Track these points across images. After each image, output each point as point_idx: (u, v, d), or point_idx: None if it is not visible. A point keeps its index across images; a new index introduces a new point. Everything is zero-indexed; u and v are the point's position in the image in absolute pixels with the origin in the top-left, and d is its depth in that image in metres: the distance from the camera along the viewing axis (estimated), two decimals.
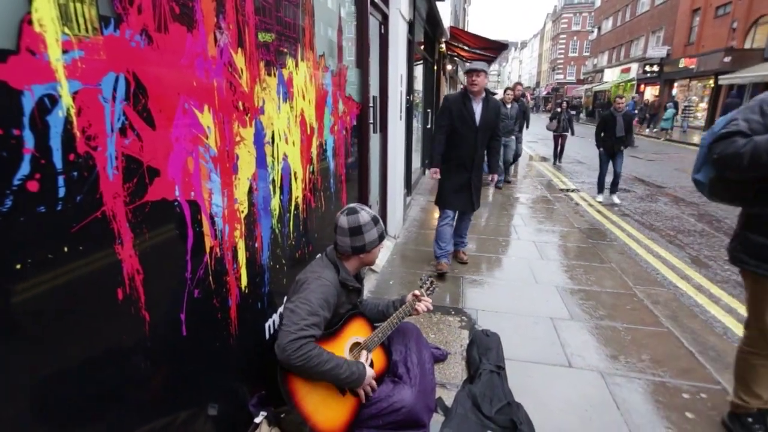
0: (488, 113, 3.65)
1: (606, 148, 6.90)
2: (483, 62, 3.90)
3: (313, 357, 1.52)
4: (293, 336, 1.52)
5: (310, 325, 1.57)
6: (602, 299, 3.51)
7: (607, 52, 37.85)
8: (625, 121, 6.66)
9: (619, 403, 2.30)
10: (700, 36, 22.52)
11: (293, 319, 1.57)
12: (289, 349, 1.51)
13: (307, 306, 1.60)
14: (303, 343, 1.52)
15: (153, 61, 1.14)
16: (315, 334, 1.58)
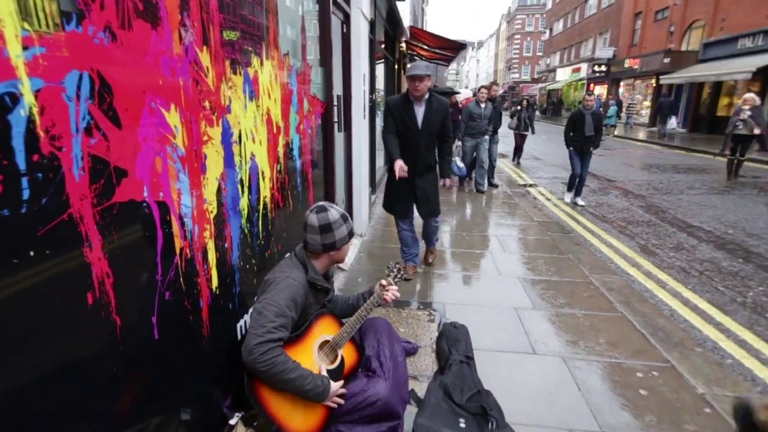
0: (432, 115, 3.42)
1: (576, 147, 6.66)
2: (426, 63, 3.68)
3: (278, 364, 1.50)
4: (260, 339, 1.50)
5: (277, 327, 1.55)
6: (562, 288, 3.69)
7: (559, 53, 39.40)
8: (594, 120, 6.44)
9: (580, 384, 2.44)
10: (642, 38, 23.90)
11: (260, 321, 1.55)
12: (256, 352, 1.48)
13: (275, 307, 1.59)
14: (270, 347, 1.50)
15: (117, 59, 1.11)
16: (282, 337, 1.57)
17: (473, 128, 7.09)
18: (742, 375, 2.68)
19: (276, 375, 1.50)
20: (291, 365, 1.54)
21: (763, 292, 3.86)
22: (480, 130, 7.11)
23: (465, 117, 7.10)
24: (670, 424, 2.14)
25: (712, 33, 18.27)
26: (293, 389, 1.57)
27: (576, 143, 6.63)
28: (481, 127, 7.09)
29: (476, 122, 7.03)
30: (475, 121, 7.05)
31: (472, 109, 7.08)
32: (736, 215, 6.36)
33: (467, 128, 7.14)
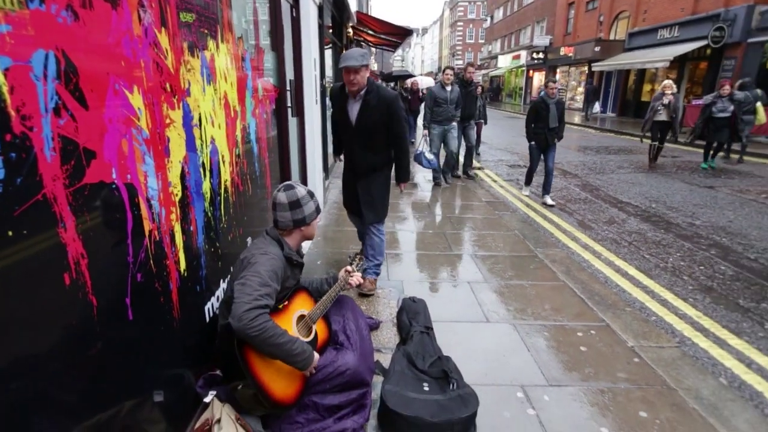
0: (370, 113, 2.90)
1: (538, 141, 5.99)
2: (363, 51, 2.79)
3: (269, 328, 1.55)
4: (248, 306, 1.53)
5: (263, 296, 1.59)
6: (510, 262, 3.95)
7: (500, 40, 40.62)
8: (558, 109, 5.81)
9: (529, 346, 2.68)
10: (576, 27, 25.23)
11: (246, 290, 1.58)
12: (245, 318, 1.51)
13: (258, 278, 1.63)
14: (259, 314, 1.54)
15: (81, 39, 1.10)
16: (269, 304, 1.61)
17: (439, 114, 6.44)
18: (664, 329, 3.05)
19: (267, 340, 1.54)
20: (280, 330, 1.59)
21: (681, 257, 4.34)
22: (446, 116, 6.47)
23: (429, 102, 6.48)
24: (605, 374, 2.42)
25: (636, 23, 19.65)
26: (282, 353, 1.61)
27: (539, 136, 5.95)
28: (447, 112, 6.44)
29: (441, 107, 6.39)
30: (440, 106, 6.39)
31: (436, 93, 6.40)
32: (658, 191, 7.02)
33: (433, 114, 6.48)
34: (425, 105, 6.58)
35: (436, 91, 6.42)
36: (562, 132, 6.07)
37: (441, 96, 6.38)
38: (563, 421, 2.06)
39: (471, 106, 6.96)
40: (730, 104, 7.99)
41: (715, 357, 2.76)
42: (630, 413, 2.12)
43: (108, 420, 1.26)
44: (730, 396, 2.29)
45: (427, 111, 6.52)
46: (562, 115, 5.96)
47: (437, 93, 6.41)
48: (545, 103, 5.81)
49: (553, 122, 5.83)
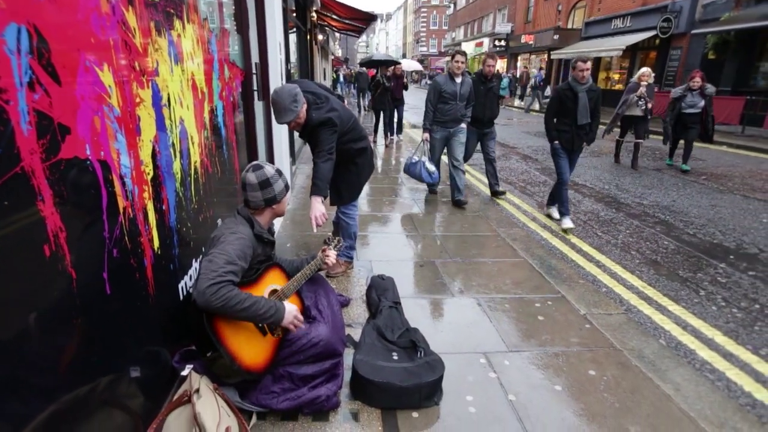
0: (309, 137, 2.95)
1: (564, 142, 4.47)
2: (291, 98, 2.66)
3: (233, 297, 1.60)
4: (212, 281, 1.58)
5: (227, 272, 1.64)
6: (474, 241, 4.14)
7: (463, 27, 40.94)
8: (590, 99, 4.38)
9: (491, 317, 2.85)
10: (536, 15, 25.79)
11: (211, 267, 1.63)
12: (208, 292, 1.56)
13: (225, 256, 1.69)
14: (221, 286, 1.59)
15: (51, 14, 1.11)
16: (233, 280, 1.65)
17: (444, 113, 4.95)
18: (613, 299, 3.31)
19: (232, 308, 1.59)
20: (244, 296, 1.64)
21: (629, 234, 4.67)
22: (454, 116, 4.96)
23: (431, 96, 4.96)
24: (560, 339, 2.63)
25: (592, 13, 20.34)
26: (251, 316, 1.67)
27: (565, 135, 4.44)
28: (454, 111, 4.94)
29: (448, 105, 4.89)
30: (446, 103, 4.89)
31: (441, 86, 4.86)
32: (610, 174, 7.43)
33: (436, 113, 5.00)
34: (427, 100, 5.05)
35: (442, 84, 4.88)
36: (594, 131, 4.51)
37: (448, 90, 4.85)
38: (521, 383, 2.24)
39: (492, 107, 5.45)
40: (701, 99, 6.95)
41: (656, 322, 3.03)
42: (581, 372, 2.33)
43: (86, 394, 1.30)
44: (668, 354, 2.55)
45: (428, 108, 5.03)
46: (597, 108, 4.46)
47: (443, 86, 4.87)
48: (572, 91, 4.32)
49: (583, 117, 4.32)
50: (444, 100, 4.94)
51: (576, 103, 4.34)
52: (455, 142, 5.18)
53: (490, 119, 5.51)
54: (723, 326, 2.97)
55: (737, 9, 13.01)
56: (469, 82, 4.97)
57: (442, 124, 5.09)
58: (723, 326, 2.97)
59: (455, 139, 5.17)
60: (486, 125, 5.51)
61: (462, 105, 5.00)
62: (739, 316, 3.09)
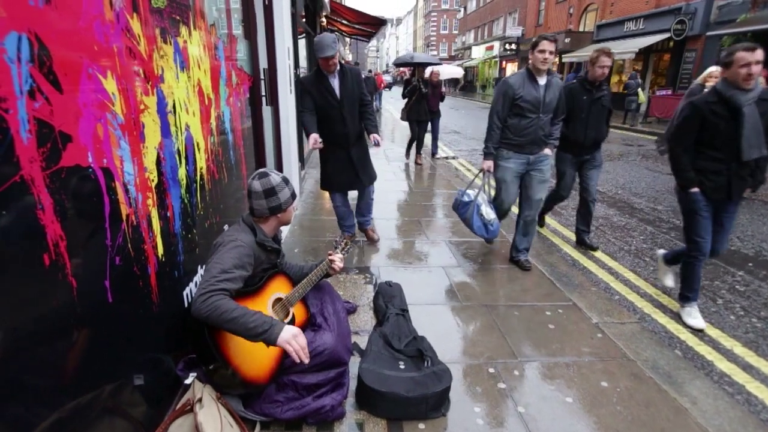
0: (348, 84, 3.45)
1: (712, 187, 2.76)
2: (333, 38, 3.20)
3: (219, 306, 1.54)
4: (203, 290, 1.57)
5: (220, 281, 1.61)
6: (484, 248, 4.08)
7: (473, 31, 40.89)
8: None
9: (500, 326, 2.80)
10: (547, 19, 25.66)
11: (206, 277, 1.63)
12: (198, 301, 1.55)
13: (220, 265, 1.66)
14: (211, 295, 1.55)
15: (53, 22, 1.11)
16: (226, 288, 1.61)
17: (520, 132, 3.30)
18: (626, 307, 3.23)
19: (219, 317, 1.53)
20: (233, 306, 1.57)
21: (643, 240, 4.57)
22: (534, 137, 3.31)
23: (500, 105, 3.29)
24: (571, 349, 2.56)
25: (604, 16, 20.15)
26: (239, 328, 1.57)
27: (715, 179, 2.76)
28: (537, 129, 3.28)
29: (527, 119, 3.26)
30: (524, 116, 3.25)
31: (516, 89, 3.22)
32: (624, 178, 7.32)
33: (506, 131, 3.35)
34: (491, 112, 3.35)
35: (516, 86, 3.22)
36: (764, 168, 2.78)
37: (527, 95, 3.21)
38: (531, 394, 2.18)
39: (599, 125, 3.86)
40: None
41: (671, 331, 2.95)
42: (593, 383, 2.26)
43: (89, 402, 1.29)
44: (683, 366, 2.47)
45: (493, 123, 3.36)
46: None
47: (518, 89, 3.22)
48: (730, 103, 2.61)
49: (753, 147, 2.61)
50: (520, 112, 3.25)
51: (739, 125, 2.57)
52: (534, 179, 3.44)
53: (596, 142, 3.94)
54: (742, 337, 2.88)
55: (754, 10, 12.78)
56: (557, 85, 3.29)
57: (516, 148, 3.35)
58: (742, 337, 2.88)
59: (535, 174, 3.44)
60: (587, 150, 3.96)
61: (547, 119, 3.30)
62: (759, 326, 2.99)
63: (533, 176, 3.46)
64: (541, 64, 3.13)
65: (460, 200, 3.73)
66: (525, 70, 3.28)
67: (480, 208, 3.55)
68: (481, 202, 3.57)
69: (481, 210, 3.54)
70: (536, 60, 3.16)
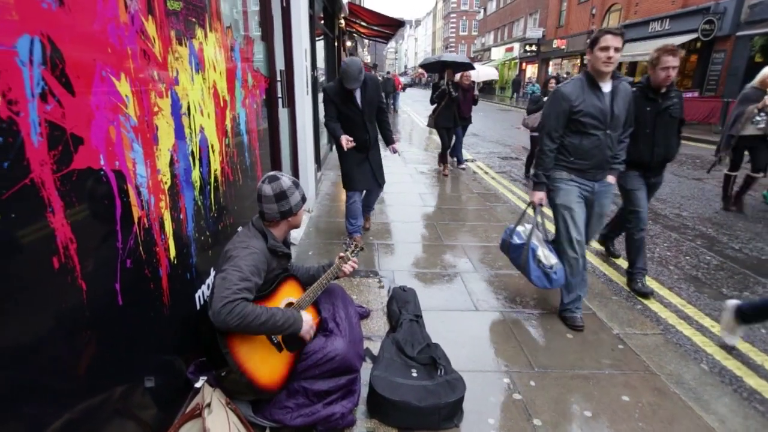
0: (368, 94, 3.75)
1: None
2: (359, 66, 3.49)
3: (249, 314, 1.57)
4: (226, 300, 1.55)
5: (241, 290, 1.61)
6: (499, 253, 3.99)
7: (493, 32, 40.54)
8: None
9: (517, 334, 2.72)
10: (568, 20, 25.24)
11: (225, 285, 1.60)
12: (224, 312, 1.54)
13: (238, 272, 1.65)
14: (236, 305, 1.56)
15: (66, 25, 1.11)
16: (247, 297, 1.62)
17: (581, 153, 2.64)
18: (649, 317, 3.11)
19: (250, 324, 1.57)
20: (260, 310, 1.62)
21: (667, 247, 4.42)
22: (599, 159, 2.65)
23: (554, 120, 2.63)
24: (590, 360, 2.48)
25: (628, 16, 19.70)
26: (269, 329, 1.65)
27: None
28: (603, 149, 2.62)
29: (591, 136, 2.59)
30: (586, 133, 2.59)
31: (573, 99, 2.56)
32: None
33: (563, 152, 2.69)
34: (542, 132, 2.69)
35: (573, 96, 2.56)
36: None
37: (589, 107, 2.54)
38: (548, 406, 2.11)
39: (668, 140, 3.19)
40: None
41: (697, 344, 2.83)
42: (613, 397, 2.18)
43: (99, 405, 1.28)
44: (710, 381, 2.36)
45: (546, 143, 2.69)
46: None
47: (575, 99, 2.56)
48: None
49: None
50: (580, 129, 2.57)
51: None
52: (594, 217, 2.83)
53: (664, 160, 3.27)
54: None
55: None
56: (627, 91, 2.60)
57: (576, 172, 2.67)
58: None
59: (597, 206, 2.80)
60: (654, 171, 3.27)
61: (614, 136, 2.61)
62: None
63: (595, 205, 2.78)
64: (604, 65, 2.47)
65: (509, 242, 3.03)
66: (583, 76, 2.63)
67: (536, 252, 2.80)
68: (536, 244, 2.83)
69: (538, 254, 2.80)
70: (597, 61, 2.50)
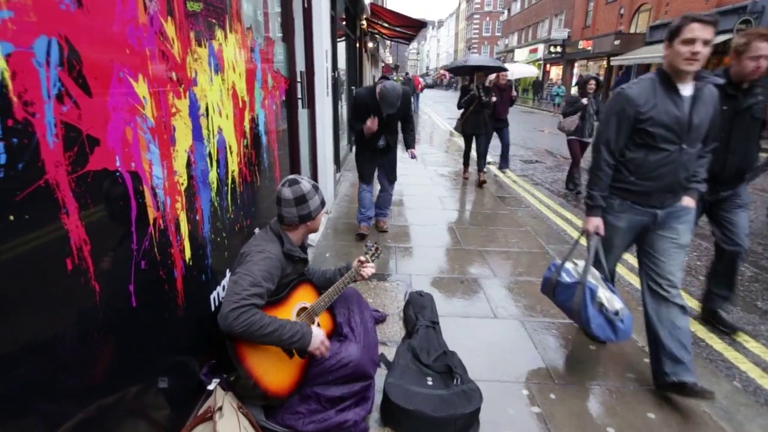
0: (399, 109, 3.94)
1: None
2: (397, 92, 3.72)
3: (255, 322, 1.54)
4: (235, 305, 1.54)
5: (251, 295, 1.59)
6: (520, 258, 3.91)
7: (517, 33, 40.02)
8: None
9: (536, 343, 2.64)
10: (595, 20, 24.70)
11: (235, 289, 1.59)
12: (231, 317, 1.52)
13: (250, 277, 1.63)
14: (244, 311, 1.54)
15: (84, 26, 1.10)
16: (257, 303, 1.60)
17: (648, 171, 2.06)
18: None
19: (255, 333, 1.54)
20: (267, 320, 1.58)
21: (698, 257, 4.24)
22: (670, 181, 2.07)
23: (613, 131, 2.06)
24: (614, 373, 2.38)
25: (658, 16, 19.15)
26: (274, 341, 1.61)
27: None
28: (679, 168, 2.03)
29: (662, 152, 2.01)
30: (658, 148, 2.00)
31: (637, 103, 1.98)
32: None
33: (622, 170, 2.13)
34: (597, 143, 2.16)
35: (639, 98, 2.00)
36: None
37: (661, 114, 1.97)
38: (568, 421, 2.03)
39: (747, 145, 2.62)
40: None
41: (729, 359, 2.69)
42: (638, 414, 2.08)
43: (113, 404, 1.28)
44: (744, 400, 2.23)
45: (601, 160, 2.14)
46: None
47: (643, 104, 1.99)
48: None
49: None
50: (648, 141, 2.04)
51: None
52: (663, 242, 2.19)
53: (739, 172, 2.65)
54: None
55: None
56: (713, 95, 2.04)
57: (635, 197, 2.16)
58: None
59: (665, 236, 2.19)
60: (728, 184, 2.68)
61: (692, 152, 2.05)
62: None
63: (662, 238, 2.18)
64: (687, 63, 1.89)
65: (556, 280, 2.39)
66: (656, 74, 2.06)
67: (595, 294, 2.18)
68: (594, 283, 2.22)
69: (599, 296, 2.17)
70: (678, 57, 1.91)
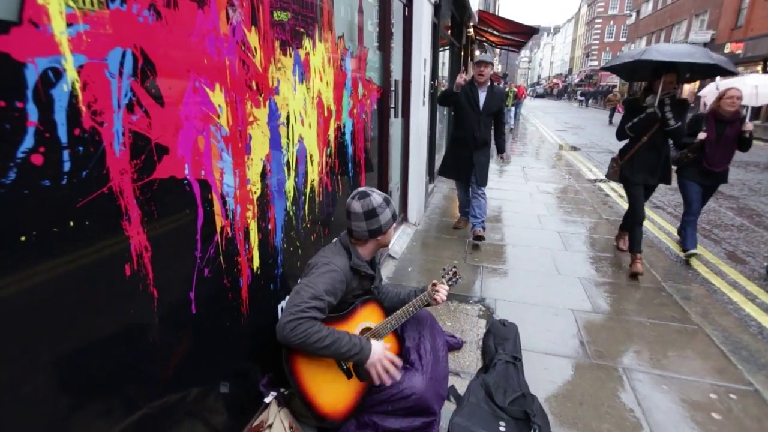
0: (491, 99, 4.12)
1: None
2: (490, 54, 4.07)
3: (312, 334, 1.49)
4: (293, 316, 1.50)
5: (311, 308, 1.54)
6: (628, 293, 3.39)
7: (645, 37, 36.17)
8: None
9: (640, 398, 2.22)
10: (749, 19, 21.17)
11: (295, 300, 1.55)
12: (288, 328, 1.48)
13: (312, 290, 1.58)
14: (302, 322, 1.49)
15: (162, 37, 1.13)
16: (316, 316, 1.54)
17: None
18: None
19: (312, 345, 1.49)
20: (326, 332, 1.52)
21: None
22: None
23: None
24: None
25: None
26: (331, 354, 1.55)
27: None
28: None
29: None
30: None
31: None
32: None
33: None
34: None
35: None
36: None
37: None
38: None
39: None
40: None
41: None
42: None
43: (175, 403, 1.31)
44: None
45: None
46: None
47: None
48: None
49: None
50: None
51: None
52: None
53: None
54: None
55: None
56: None
57: None
58: None
59: None
60: None
61: None
62: None
63: None
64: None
65: None
66: None
67: None
68: None
69: None
70: None
